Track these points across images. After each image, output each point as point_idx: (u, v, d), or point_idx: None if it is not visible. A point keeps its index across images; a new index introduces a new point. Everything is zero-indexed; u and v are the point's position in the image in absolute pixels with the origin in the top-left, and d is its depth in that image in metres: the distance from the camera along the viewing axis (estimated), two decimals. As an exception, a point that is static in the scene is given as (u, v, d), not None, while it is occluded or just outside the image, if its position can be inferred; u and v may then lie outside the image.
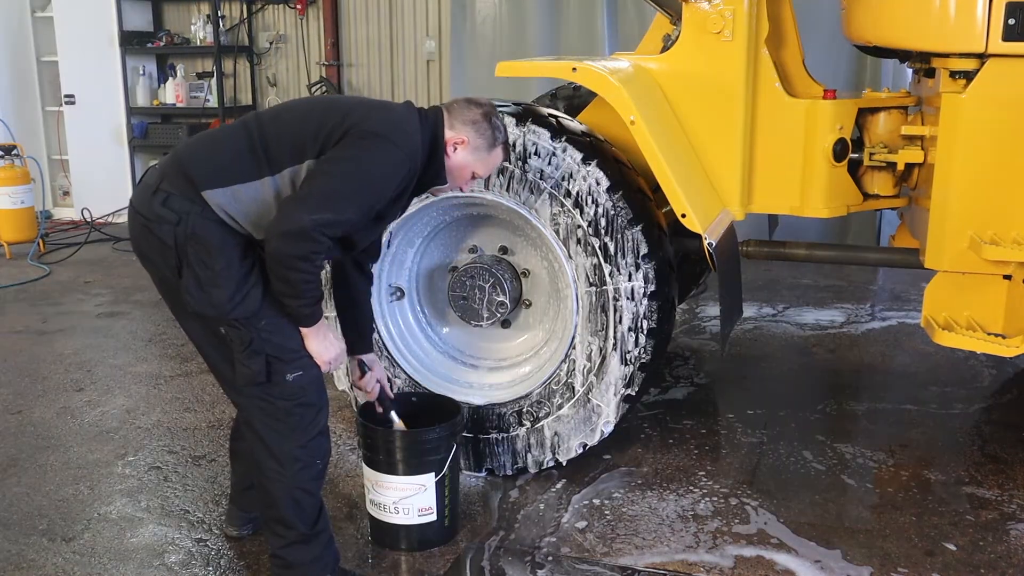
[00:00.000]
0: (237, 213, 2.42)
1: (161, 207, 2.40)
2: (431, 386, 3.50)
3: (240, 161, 2.43)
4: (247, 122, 2.53)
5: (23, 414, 4.13)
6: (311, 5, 8.06)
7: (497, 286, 3.38)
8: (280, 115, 2.57)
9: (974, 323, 3.23)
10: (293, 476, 2.55)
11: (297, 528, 2.59)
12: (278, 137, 2.46)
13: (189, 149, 2.53)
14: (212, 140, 2.56)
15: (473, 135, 2.61)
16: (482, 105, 2.65)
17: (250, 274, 2.44)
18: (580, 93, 4.25)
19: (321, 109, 2.55)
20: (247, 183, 2.42)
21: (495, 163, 2.71)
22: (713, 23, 3.39)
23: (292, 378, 2.49)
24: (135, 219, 2.49)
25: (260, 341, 2.44)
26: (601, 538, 3.05)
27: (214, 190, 2.40)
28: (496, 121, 2.65)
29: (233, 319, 2.42)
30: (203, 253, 2.39)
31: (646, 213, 3.24)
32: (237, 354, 2.46)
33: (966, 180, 3.12)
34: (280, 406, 2.50)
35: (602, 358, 3.26)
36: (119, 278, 6.55)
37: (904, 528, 3.10)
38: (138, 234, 2.49)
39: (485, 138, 2.62)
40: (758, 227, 4.65)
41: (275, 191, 2.44)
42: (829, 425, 3.97)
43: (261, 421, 2.53)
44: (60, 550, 3.02)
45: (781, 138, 3.48)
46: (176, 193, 2.41)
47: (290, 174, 2.44)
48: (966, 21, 3.03)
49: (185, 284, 2.42)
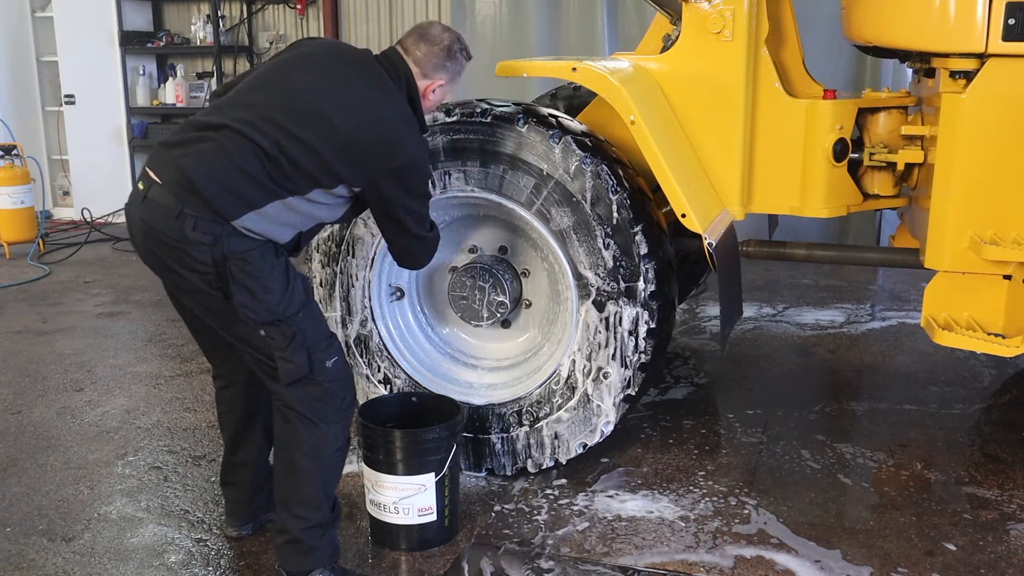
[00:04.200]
0: (261, 228, 2.49)
1: (193, 232, 2.41)
2: (431, 386, 3.50)
3: (261, 187, 2.46)
4: (253, 138, 2.43)
5: (23, 414, 4.13)
6: (311, 5, 8.06)
7: (497, 286, 3.38)
8: (291, 132, 2.45)
9: (974, 323, 3.23)
10: (330, 456, 2.67)
11: (322, 510, 2.67)
12: (300, 164, 2.46)
13: (201, 172, 2.42)
14: (225, 162, 2.43)
15: (446, 75, 2.70)
16: (439, 41, 2.69)
17: (287, 270, 2.55)
18: (580, 93, 4.25)
19: (332, 132, 2.48)
20: (272, 203, 2.48)
21: (459, 78, 2.80)
22: (713, 23, 3.39)
23: (331, 364, 2.60)
24: (154, 236, 2.47)
25: (301, 334, 2.52)
26: (601, 538, 3.05)
27: (241, 218, 2.44)
28: (458, 48, 2.72)
29: (277, 318, 2.49)
30: (246, 266, 2.45)
31: (646, 213, 3.24)
32: (280, 352, 2.51)
33: (966, 180, 3.12)
34: (327, 387, 2.60)
35: (602, 358, 3.26)
36: (119, 278, 6.55)
37: (904, 528, 3.10)
38: (159, 250, 2.49)
39: (455, 70, 2.72)
40: (758, 227, 4.65)
41: (303, 204, 2.54)
42: (829, 425, 3.97)
43: (307, 406, 2.60)
44: (60, 550, 3.02)
45: (781, 138, 3.48)
46: (203, 218, 2.41)
47: (319, 193, 2.54)
48: (966, 21, 3.02)
49: (239, 300, 2.47)
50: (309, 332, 2.55)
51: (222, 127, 2.47)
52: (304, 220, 2.58)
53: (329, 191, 2.55)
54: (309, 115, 2.49)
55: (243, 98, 2.57)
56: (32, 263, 6.93)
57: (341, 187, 2.55)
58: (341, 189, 2.56)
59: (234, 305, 2.48)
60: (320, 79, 2.57)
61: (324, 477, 2.67)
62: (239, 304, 2.47)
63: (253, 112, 2.49)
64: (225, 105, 2.58)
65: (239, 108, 2.53)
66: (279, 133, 2.45)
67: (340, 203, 2.63)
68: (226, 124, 2.47)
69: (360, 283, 3.48)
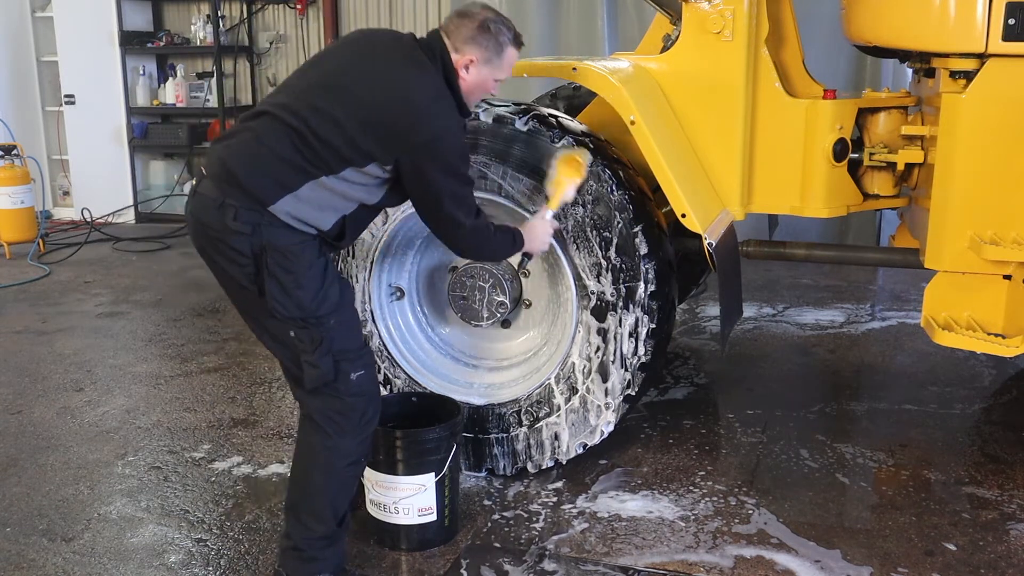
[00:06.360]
0: (302, 213, 2.47)
1: (233, 222, 2.44)
2: (431, 386, 3.50)
3: (294, 168, 2.46)
4: (286, 119, 2.47)
5: (23, 414, 4.13)
6: (311, 5, 8.06)
7: (497, 286, 3.38)
8: (318, 107, 2.47)
9: (974, 323, 3.22)
10: (343, 470, 2.64)
11: (328, 523, 2.64)
12: (327, 141, 2.45)
13: (238, 161, 2.47)
14: (258, 147, 2.48)
15: (479, 50, 2.61)
16: (475, 16, 2.63)
17: (326, 271, 2.53)
18: (580, 93, 4.25)
19: (358, 105, 2.48)
20: (307, 183, 2.47)
21: (511, 62, 2.72)
22: (713, 23, 3.39)
23: (356, 377, 2.57)
24: (201, 230, 2.52)
25: (329, 340, 2.51)
26: (601, 538, 3.05)
27: (278, 202, 2.44)
28: (495, 26, 2.63)
29: (303, 319, 2.49)
30: (282, 259, 2.45)
31: (646, 213, 3.24)
32: (307, 355, 2.51)
33: (966, 180, 3.12)
34: (348, 402, 2.59)
35: (602, 359, 3.26)
36: (119, 278, 6.56)
37: (904, 528, 3.10)
38: (205, 244, 2.53)
39: (491, 47, 2.62)
40: (758, 227, 4.65)
41: (338, 184, 2.50)
42: (829, 425, 3.97)
43: (326, 416, 2.59)
44: (60, 550, 3.02)
45: (781, 138, 3.48)
46: (243, 207, 2.44)
47: (352, 172, 2.50)
48: (966, 21, 3.02)
49: (270, 292, 2.47)
50: (338, 339, 2.53)
51: (262, 114, 2.53)
52: (343, 202, 2.54)
53: (361, 170, 2.50)
54: (337, 91, 2.50)
55: (285, 84, 2.65)
56: (32, 263, 6.94)
57: (372, 166, 2.50)
58: (373, 168, 2.51)
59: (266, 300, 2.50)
60: (355, 59, 2.58)
61: (334, 490, 2.65)
62: (269, 297, 2.47)
63: (289, 95, 2.54)
64: (271, 93, 2.66)
65: (279, 93, 2.61)
66: (309, 111, 2.46)
67: (376, 184, 2.57)
68: (266, 111, 2.52)
69: (360, 283, 3.48)
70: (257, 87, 8.41)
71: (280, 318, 2.50)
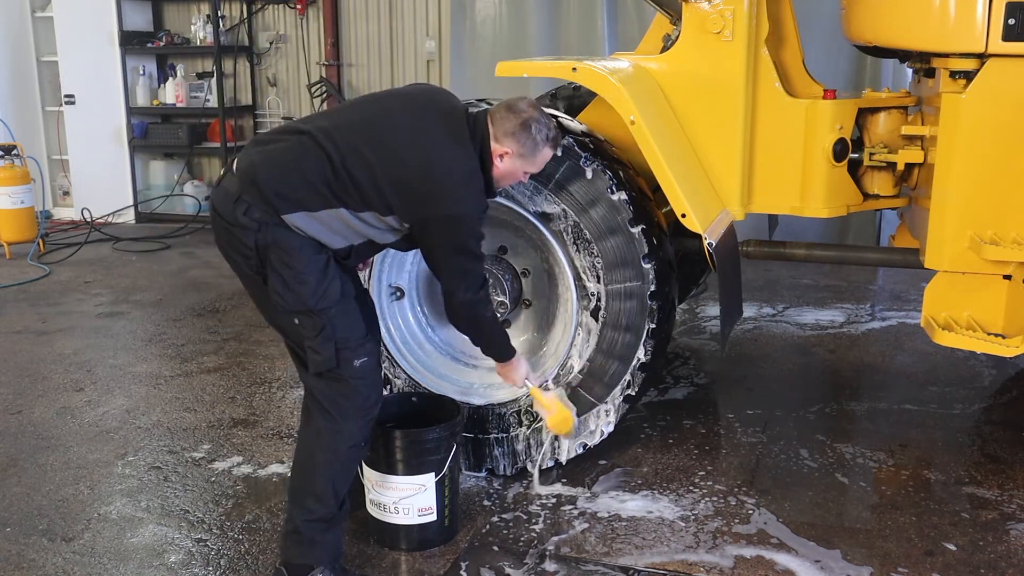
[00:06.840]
0: (313, 231, 2.58)
1: (243, 216, 2.56)
2: (431, 386, 3.50)
3: (318, 193, 2.56)
4: (325, 146, 2.56)
5: (23, 414, 4.13)
6: (311, 5, 8.06)
7: (497, 286, 3.38)
8: (359, 149, 2.57)
9: (974, 323, 3.22)
10: (345, 453, 2.71)
11: (328, 505, 2.70)
12: (358, 182, 2.56)
13: (267, 169, 2.57)
14: (291, 162, 2.58)
15: (516, 145, 2.70)
16: (520, 113, 2.70)
17: (327, 267, 2.62)
18: (580, 93, 4.24)
19: (396, 164, 2.57)
20: (325, 210, 2.57)
21: (543, 160, 2.81)
22: (713, 23, 3.39)
23: (359, 363, 2.66)
24: (217, 220, 2.65)
25: (331, 327, 2.60)
26: (601, 538, 3.05)
27: (292, 215, 2.55)
28: (536, 127, 2.70)
29: (309, 309, 2.58)
30: (284, 256, 2.57)
31: (646, 213, 3.24)
32: (309, 341, 2.62)
33: (966, 180, 3.12)
34: (352, 384, 2.67)
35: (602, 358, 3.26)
36: (119, 278, 6.55)
37: (904, 528, 3.10)
38: (220, 234, 2.66)
39: (527, 146, 2.71)
40: (758, 227, 4.65)
41: (354, 220, 2.60)
42: (829, 425, 3.97)
43: (330, 399, 2.68)
44: (60, 550, 3.02)
45: (781, 138, 3.48)
46: (256, 205, 2.55)
47: (371, 216, 2.61)
48: (966, 21, 3.02)
49: (272, 286, 2.60)
50: (340, 327, 2.62)
51: (304, 132, 2.62)
52: (354, 235, 2.65)
53: (381, 218, 2.62)
54: (381, 142, 2.60)
55: (336, 112, 2.78)
56: (32, 263, 6.93)
57: (392, 218, 2.62)
58: (392, 220, 2.63)
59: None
60: (405, 115, 2.69)
61: (336, 473, 2.71)
62: (272, 290, 2.61)
63: (336, 124, 2.65)
64: (319, 115, 2.77)
65: (326, 117, 2.74)
66: (349, 149, 2.57)
67: (390, 230, 2.68)
68: (309, 131, 2.61)
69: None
70: (257, 87, 8.41)
71: (283, 310, 2.62)
